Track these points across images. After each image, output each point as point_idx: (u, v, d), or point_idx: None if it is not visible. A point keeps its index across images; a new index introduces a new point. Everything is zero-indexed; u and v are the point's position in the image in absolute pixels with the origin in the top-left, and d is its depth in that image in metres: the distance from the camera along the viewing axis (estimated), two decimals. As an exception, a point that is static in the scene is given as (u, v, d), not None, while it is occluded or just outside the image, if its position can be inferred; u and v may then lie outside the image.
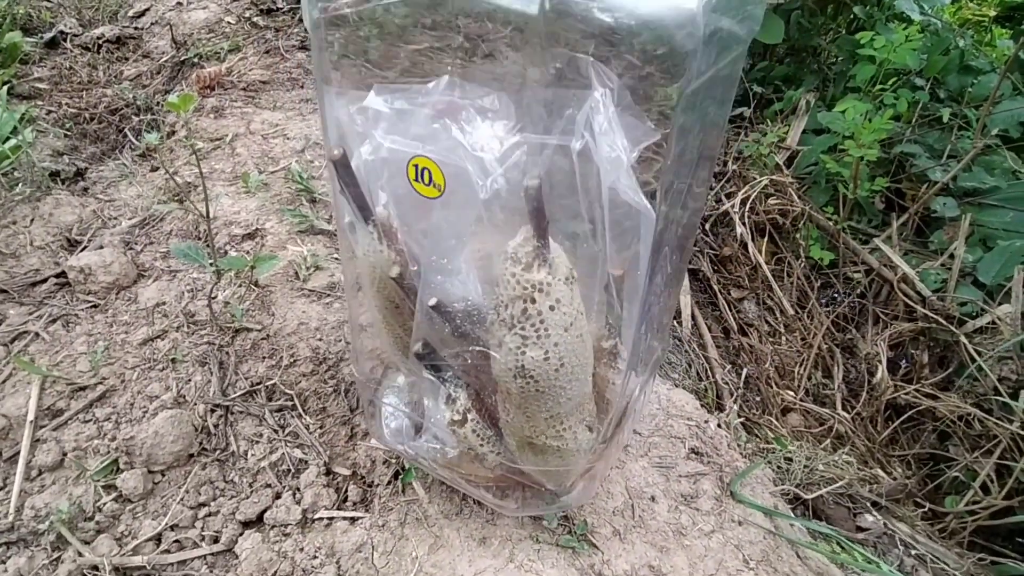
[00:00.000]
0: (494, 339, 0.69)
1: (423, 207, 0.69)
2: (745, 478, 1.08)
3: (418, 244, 0.74)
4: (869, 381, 1.92)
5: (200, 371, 1.25)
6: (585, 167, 0.59)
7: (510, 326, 0.66)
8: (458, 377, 0.79)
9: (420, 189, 0.65)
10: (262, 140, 1.88)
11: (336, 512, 1.02)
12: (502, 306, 0.66)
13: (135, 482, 1.05)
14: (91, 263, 1.46)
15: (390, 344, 0.87)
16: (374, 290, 0.79)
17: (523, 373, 0.68)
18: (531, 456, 0.82)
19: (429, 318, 0.72)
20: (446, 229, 0.69)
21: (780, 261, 2.18)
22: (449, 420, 0.78)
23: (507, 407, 0.77)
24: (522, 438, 0.79)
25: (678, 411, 1.18)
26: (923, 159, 2.29)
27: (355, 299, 0.91)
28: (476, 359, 0.75)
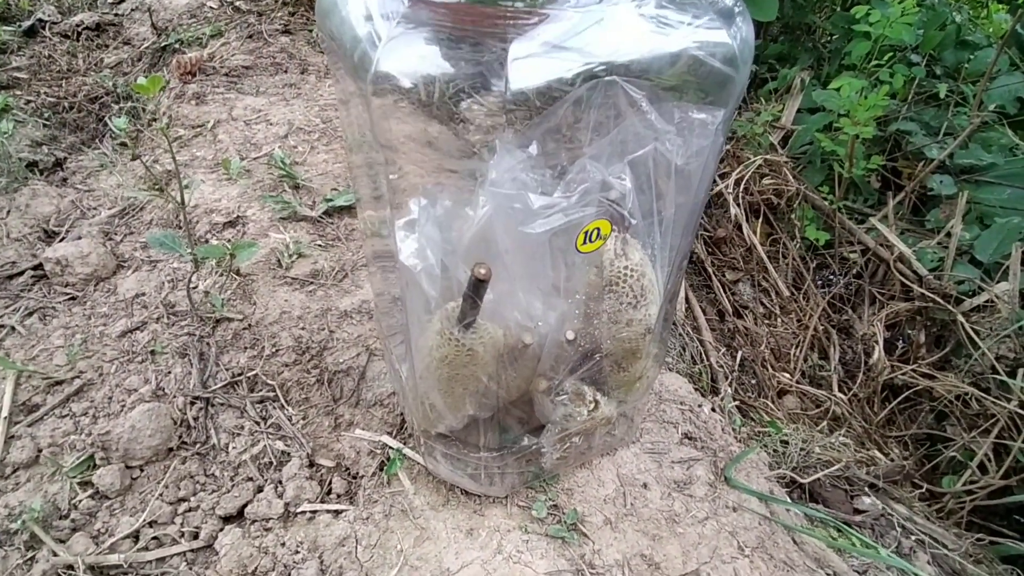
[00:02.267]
0: (621, 323, 0.82)
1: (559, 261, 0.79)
2: (740, 463, 1.04)
3: (538, 297, 0.82)
4: (866, 362, 1.89)
5: (180, 363, 1.21)
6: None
7: (634, 304, 0.82)
8: (574, 382, 0.89)
9: (583, 248, 0.76)
10: (244, 126, 1.83)
11: (319, 505, 0.98)
12: (625, 295, 0.80)
13: (112, 478, 1.01)
14: (68, 254, 1.41)
15: (448, 407, 0.89)
16: (442, 372, 0.82)
17: (650, 330, 0.85)
18: (626, 394, 0.95)
19: (556, 355, 0.85)
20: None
21: (775, 242, 2.13)
22: (587, 412, 0.89)
23: (624, 365, 0.89)
24: (630, 382, 0.93)
25: (671, 395, 1.15)
26: (919, 136, 2.24)
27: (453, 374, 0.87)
28: (591, 360, 0.87)
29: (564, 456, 0.97)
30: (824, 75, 2.55)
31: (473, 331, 0.77)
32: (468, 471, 0.99)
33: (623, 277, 0.81)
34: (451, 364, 0.80)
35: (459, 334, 0.77)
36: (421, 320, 0.80)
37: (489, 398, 0.90)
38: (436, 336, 0.79)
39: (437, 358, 0.80)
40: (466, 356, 0.78)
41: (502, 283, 0.77)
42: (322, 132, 1.79)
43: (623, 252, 0.81)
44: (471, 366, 0.80)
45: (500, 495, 0.98)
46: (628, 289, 0.82)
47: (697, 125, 0.78)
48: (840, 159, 2.14)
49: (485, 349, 0.79)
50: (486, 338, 0.78)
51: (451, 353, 0.78)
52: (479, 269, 0.68)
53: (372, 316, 1.26)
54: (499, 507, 0.96)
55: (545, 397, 0.90)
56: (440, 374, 0.82)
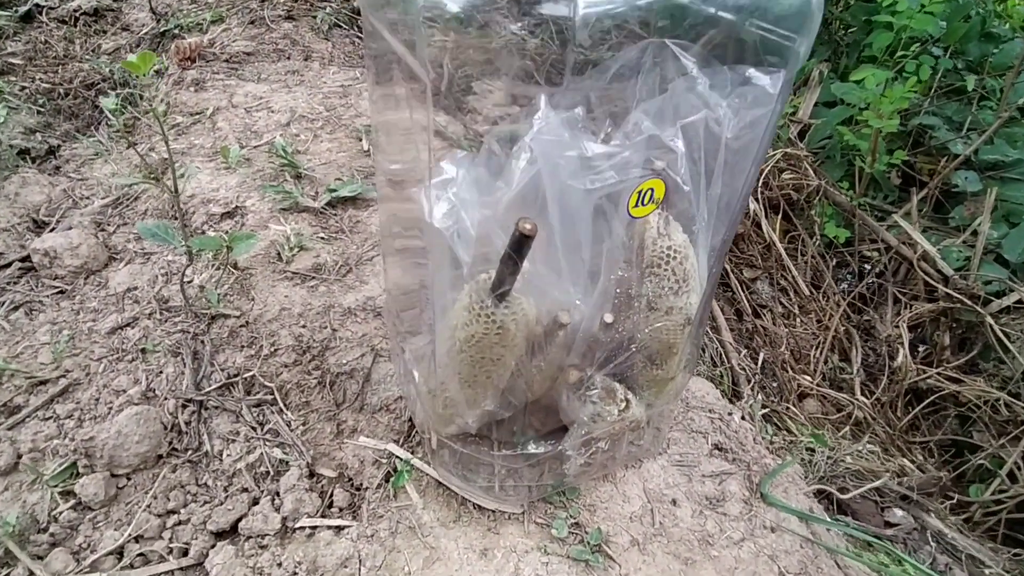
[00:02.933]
0: (660, 311, 0.76)
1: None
2: (776, 477, 0.95)
3: (579, 273, 0.73)
4: (889, 365, 1.79)
5: (172, 362, 1.12)
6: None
7: (675, 290, 0.74)
8: (605, 378, 0.81)
9: (636, 212, 0.69)
10: (245, 114, 1.73)
11: (319, 520, 0.89)
12: (666, 279, 0.73)
13: (95, 488, 0.92)
14: (57, 245, 1.32)
15: (467, 400, 0.80)
16: (467, 354, 0.73)
17: (690, 320, 0.77)
18: (656, 396, 0.87)
19: (591, 340, 0.76)
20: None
21: (793, 239, 2.03)
22: (617, 412, 0.81)
23: (659, 361, 0.82)
24: (663, 382, 0.86)
25: (699, 402, 1.06)
26: (942, 131, 2.14)
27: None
28: (625, 352, 0.80)
29: (588, 463, 0.88)
30: (842, 68, 2.45)
31: (507, 305, 0.67)
32: (480, 481, 0.91)
33: (666, 258, 0.73)
34: (478, 344, 0.70)
35: (491, 307, 0.67)
36: (447, 294, 0.70)
37: (513, 394, 0.81)
38: (464, 312, 0.69)
39: (463, 338, 0.70)
40: (495, 335, 0.69)
41: (539, 255, 0.68)
42: (325, 120, 1.69)
43: (666, 231, 0.73)
44: (499, 347, 0.71)
45: (514, 509, 0.89)
46: (670, 272, 0.73)
47: (753, 92, 0.69)
48: (862, 154, 2.04)
49: (517, 327, 0.69)
50: (519, 314, 0.69)
51: (479, 331, 0.69)
52: (524, 224, 0.58)
53: (378, 314, 1.16)
54: (515, 524, 0.87)
55: (573, 392, 0.81)
56: (463, 357, 0.72)
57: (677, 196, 0.71)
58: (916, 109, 2.17)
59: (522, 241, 0.60)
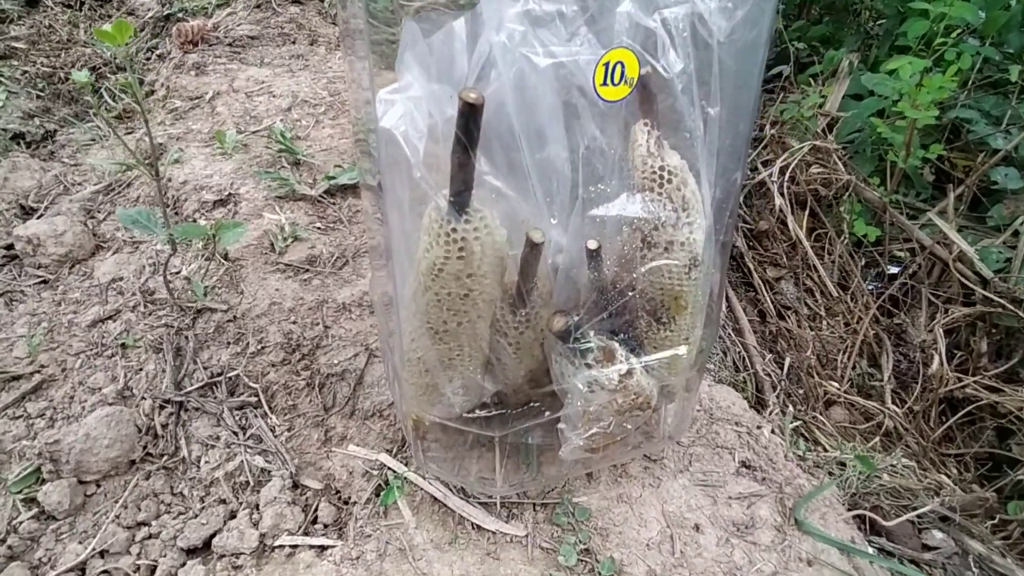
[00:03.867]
0: (659, 249, 0.64)
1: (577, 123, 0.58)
2: (811, 502, 0.84)
3: (546, 184, 0.59)
4: (923, 372, 1.66)
5: (153, 359, 1.03)
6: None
7: (675, 221, 0.63)
8: (601, 334, 0.68)
9: (605, 93, 0.57)
10: (245, 98, 1.64)
11: (301, 538, 0.79)
12: (663, 205, 0.62)
13: (59, 496, 0.84)
14: (40, 233, 1.24)
15: (441, 360, 0.68)
16: (433, 293, 0.61)
17: (695, 262, 0.65)
18: (668, 370, 0.74)
19: (569, 279, 0.65)
20: (610, 141, 0.61)
21: (819, 238, 1.91)
22: (618, 378, 0.68)
23: (664, 318, 0.70)
24: (673, 344, 0.73)
25: (723, 413, 0.94)
26: (981, 125, 1.99)
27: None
28: (622, 299, 0.68)
29: (592, 447, 0.75)
30: (872, 58, 2.31)
31: (467, 218, 0.56)
32: (473, 472, 0.80)
33: (659, 180, 0.61)
34: (441, 275, 0.59)
35: (450, 221, 0.56)
36: (406, 219, 0.59)
37: (498, 360, 0.69)
38: (424, 236, 0.59)
39: (424, 270, 0.60)
40: (458, 258, 0.58)
41: (503, 163, 0.57)
42: (329, 105, 1.60)
43: (657, 151, 0.61)
44: (465, 277, 0.59)
45: (501, 493, 0.79)
46: (666, 198, 0.62)
47: None
48: (894, 148, 1.91)
49: (483, 248, 0.58)
50: (482, 231, 0.57)
51: (440, 256, 0.58)
52: (468, 93, 0.48)
53: (373, 311, 1.07)
54: (518, 549, 0.77)
55: (564, 351, 0.68)
56: (429, 297, 0.61)
57: (659, 87, 0.58)
58: (952, 103, 2.03)
59: (468, 113, 0.49)
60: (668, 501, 0.81)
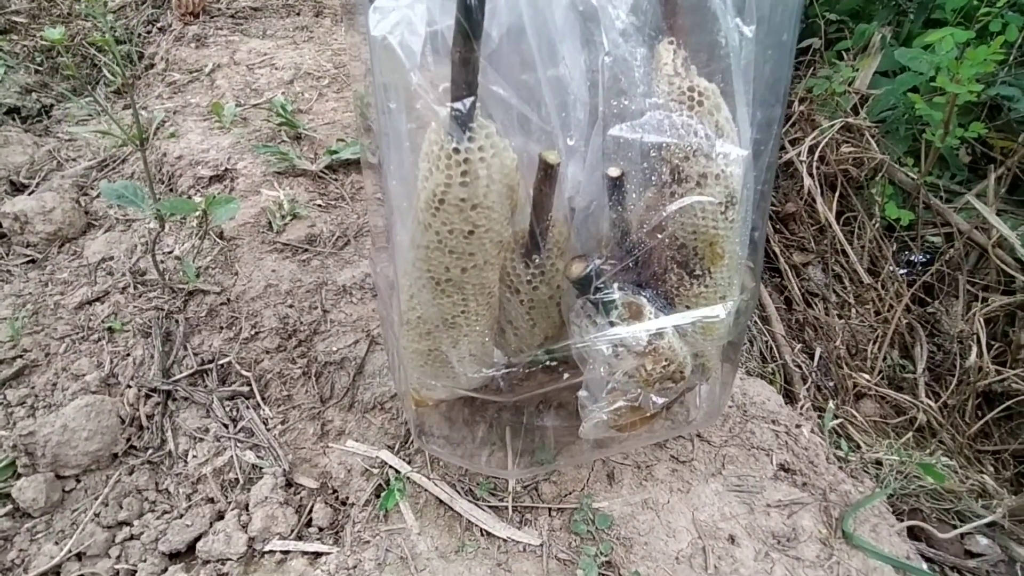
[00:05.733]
0: (690, 183, 0.54)
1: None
2: (860, 511, 0.74)
3: (561, 100, 0.50)
4: (959, 364, 1.55)
5: (141, 343, 0.95)
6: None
7: (707, 151, 0.54)
8: (624, 289, 0.58)
9: None
10: (247, 71, 1.54)
11: (293, 543, 0.71)
12: (694, 131, 0.53)
13: (35, 492, 0.76)
14: (28, 209, 1.16)
15: (443, 320, 0.58)
16: (433, 232, 0.52)
17: (732, 200, 0.56)
18: (704, 335, 0.64)
19: (586, 219, 0.56)
20: (633, 51, 0.51)
21: (849, 221, 1.78)
22: (647, 338, 0.58)
23: (698, 269, 0.60)
24: (709, 301, 0.62)
25: (758, 410, 0.85)
26: (1023, 103, 1.85)
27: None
28: (649, 242, 0.57)
29: (617, 424, 0.64)
30: (906, 33, 2.16)
31: (471, 134, 0.47)
32: (483, 455, 0.71)
33: (688, 102, 0.52)
34: (443, 208, 0.50)
35: (452, 139, 0.47)
36: (403, 144, 0.51)
37: (510, 324, 0.60)
38: (423, 163, 0.50)
39: (424, 202, 0.50)
40: (460, 185, 0.48)
41: (512, 78, 0.48)
42: (332, 78, 1.50)
43: (684, 72, 0.52)
44: (470, 209, 0.50)
45: (513, 475, 0.70)
46: (697, 122, 0.53)
47: None
48: (930, 127, 1.77)
49: (490, 172, 0.49)
50: (488, 152, 0.48)
51: (441, 182, 0.49)
52: None
53: (376, 295, 0.98)
54: (532, 560, 0.68)
55: (584, 307, 0.58)
56: (429, 237, 0.52)
57: (697, 18, 0.49)
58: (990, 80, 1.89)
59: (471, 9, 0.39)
60: (699, 508, 0.72)
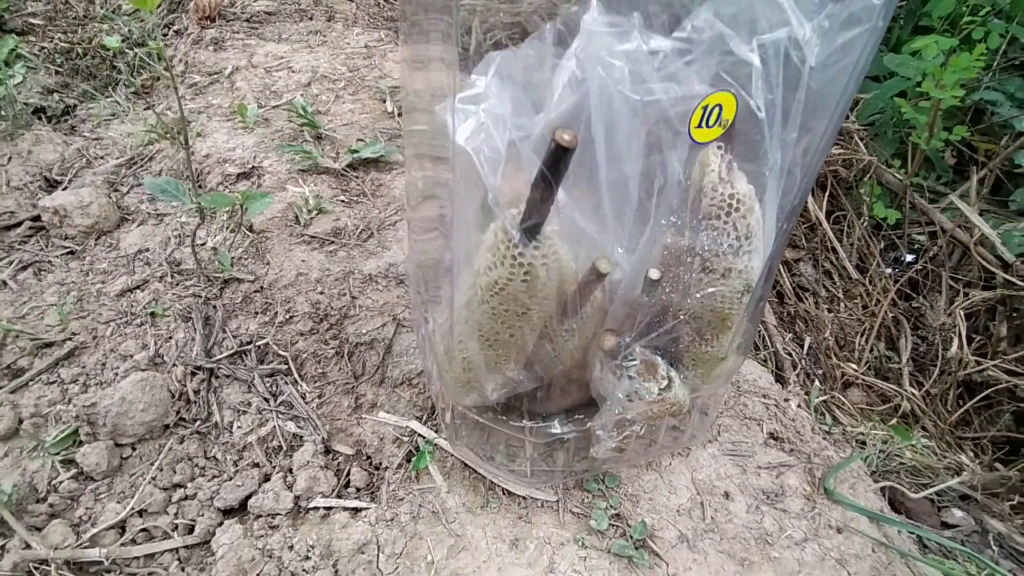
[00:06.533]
0: (716, 273, 0.64)
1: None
2: (840, 472, 0.85)
3: (617, 208, 0.60)
4: (942, 355, 1.66)
5: (183, 327, 1.04)
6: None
7: (736, 249, 0.62)
8: (645, 350, 0.70)
9: (698, 135, 0.57)
10: (264, 73, 1.64)
11: (335, 501, 0.81)
12: (726, 233, 0.62)
13: (97, 457, 0.85)
14: (67, 203, 1.25)
15: (487, 363, 0.70)
16: (488, 306, 0.63)
17: (749, 288, 0.66)
18: (704, 377, 0.76)
19: (632, 302, 0.65)
20: (689, 175, 0.61)
21: (839, 220, 1.90)
22: (658, 391, 0.70)
23: (708, 336, 0.71)
24: (711, 363, 0.74)
25: (750, 386, 0.95)
26: (1005, 107, 1.97)
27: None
28: (671, 321, 0.69)
29: (621, 448, 0.77)
30: (894, 39, 2.28)
31: (536, 244, 0.56)
32: (501, 459, 0.81)
33: (727, 209, 0.61)
34: (502, 293, 0.59)
35: (518, 247, 0.56)
36: (471, 234, 0.60)
37: (539, 361, 0.70)
38: (487, 254, 0.59)
39: (484, 285, 0.60)
40: (522, 281, 0.58)
41: (580, 190, 0.57)
42: (348, 81, 1.60)
43: (728, 177, 0.60)
44: (526, 297, 0.60)
45: (545, 496, 0.80)
46: (731, 226, 0.62)
47: (848, 10, 0.56)
48: (916, 130, 1.89)
49: (548, 273, 0.58)
50: (551, 258, 0.58)
51: (504, 276, 0.58)
52: (562, 134, 0.48)
53: (401, 281, 1.07)
54: (549, 513, 0.78)
55: (607, 364, 0.70)
56: (485, 309, 0.62)
57: (748, 126, 0.58)
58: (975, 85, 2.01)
59: (559, 155, 0.48)
60: (698, 469, 0.82)
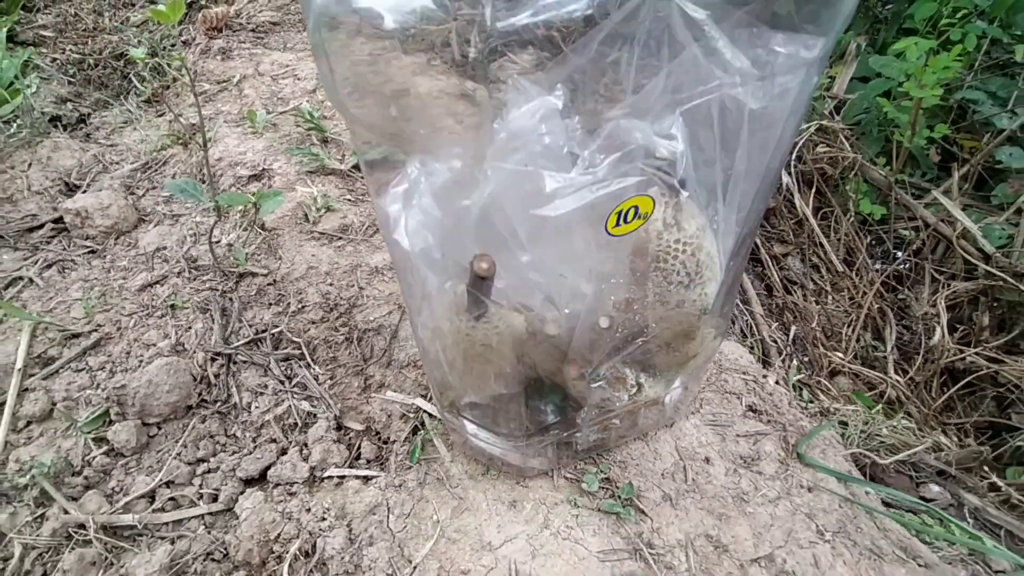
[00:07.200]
0: (670, 305, 0.70)
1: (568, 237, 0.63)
2: (812, 440, 0.93)
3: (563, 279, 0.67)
4: (925, 344, 1.75)
5: (201, 318, 1.12)
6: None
7: (686, 284, 0.68)
8: (613, 366, 0.77)
9: (616, 232, 0.61)
10: (271, 81, 1.73)
11: (347, 470, 0.89)
12: (674, 273, 0.67)
13: (127, 435, 0.94)
14: (88, 205, 1.34)
15: (469, 387, 0.79)
16: (456, 358, 0.71)
17: (705, 311, 0.71)
18: (679, 372, 0.83)
19: (588, 341, 0.71)
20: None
21: (826, 216, 1.98)
22: (628, 397, 0.78)
23: (676, 346, 0.78)
24: (683, 361, 0.81)
25: (732, 364, 1.03)
26: (986, 106, 2.06)
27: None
28: (633, 344, 0.75)
29: (603, 437, 0.85)
30: (880, 41, 2.38)
31: (486, 320, 0.64)
32: (499, 444, 0.89)
33: (673, 253, 0.66)
34: (465, 355, 0.69)
35: (469, 327, 0.64)
36: (422, 308, 0.69)
37: (516, 377, 0.79)
38: (445, 322, 0.67)
39: (449, 344, 0.69)
40: (480, 346, 0.67)
41: (515, 266, 0.63)
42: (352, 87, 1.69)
43: (675, 221, 0.65)
44: (487, 356, 0.69)
45: (542, 468, 0.88)
46: (679, 266, 0.67)
47: (784, 57, 0.60)
48: (900, 128, 1.98)
49: (501, 340, 0.67)
50: (502, 328, 0.66)
51: (464, 345, 0.67)
52: (480, 264, 0.56)
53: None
54: (544, 479, 0.87)
55: (579, 382, 0.79)
56: (454, 359, 0.71)
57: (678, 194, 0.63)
58: (958, 84, 2.10)
59: (479, 281, 0.57)
60: (681, 438, 0.90)
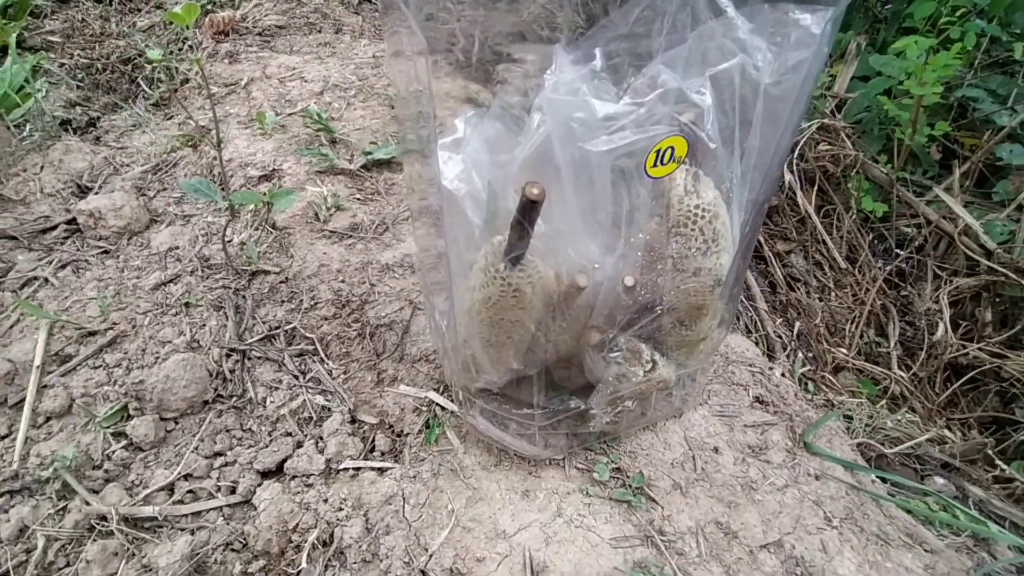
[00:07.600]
0: (687, 272, 0.72)
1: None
2: (819, 429, 0.95)
3: (596, 235, 0.72)
4: (928, 340, 1.77)
5: (215, 315, 1.15)
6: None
7: (704, 251, 0.71)
8: (630, 339, 0.80)
9: (654, 172, 0.67)
10: (279, 83, 1.76)
11: (363, 462, 0.91)
12: (694, 239, 0.70)
13: (146, 429, 0.96)
14: (101, 206, 1.36)
15: (490, 359, 0.81)
16: (485, 315, 0.74)
17: (719, 282, 0.74)
18: (688, 356, 0.86)
19: (614, 299, 0.74)
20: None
21: (828, 214, 2.01)
22: (643, 373, 0.79)
23: (688, 323, 0.80)
24: (693, 342, 0.83)
25: (738, 357, 1.05)
26: (987, 103, 2.09)
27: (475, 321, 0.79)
28: (651, 314, 0.78)
29: (615, 421, 0.88)
30: (880, 40, 2.40)
31: (521, 268, 0.67)
32: (512, 432, 0.92)
33: (693, 218, 0.70)
34: (495, 306, 0.71)
35: (505, 271, 0.67)
36: (463, 256, 0.71)
37: (535, 351, 0.81)
38: (480, 273, 0.70)
39: (480, 299, 0.71)
40: (512, 298, 0.69)
41: (556, 215, 0.68)
42: (358, 89, 1.72)
43: (694, 188, 0.70)
44: (517, 310, 0.71)
45: (554, 455, 0.90)
46: (698, 232, 0.71)
47: (796, 32, 0.67)
48: (901, 126, 2.01)
49: (534, 290, 0.70)
50: (535, 277, 0.69)
51: (495, 293, 0.69)
52: (531, 188, 0.58)
53: (415, 270, 1.18)
54: (556, 469, 0.89)
55: (597, 353, 0.81)
56: (483, 318, 0.73)
57: (704, 153, 0.68)
58: (958, 82, 2.12)
59: (528, 207, 0.60)
60: (690, 429, 0.93)
